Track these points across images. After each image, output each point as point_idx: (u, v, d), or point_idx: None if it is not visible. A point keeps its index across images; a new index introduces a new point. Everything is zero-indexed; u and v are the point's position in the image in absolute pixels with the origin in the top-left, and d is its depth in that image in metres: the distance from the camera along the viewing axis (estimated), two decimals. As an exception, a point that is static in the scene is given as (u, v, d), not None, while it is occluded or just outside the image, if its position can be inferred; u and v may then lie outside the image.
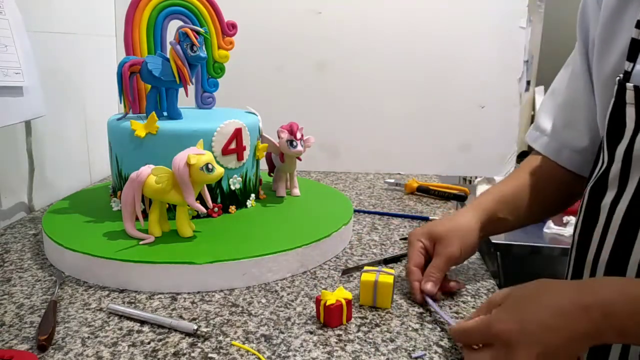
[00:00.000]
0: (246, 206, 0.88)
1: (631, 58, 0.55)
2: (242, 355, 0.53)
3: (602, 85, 0.60)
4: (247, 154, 0.86)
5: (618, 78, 0.55)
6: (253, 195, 0.90)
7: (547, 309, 0.45)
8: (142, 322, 0.59)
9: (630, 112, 0.54)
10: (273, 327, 0.58)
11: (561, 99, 0.72)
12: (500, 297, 0.50)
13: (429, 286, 0.63)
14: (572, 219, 1.24)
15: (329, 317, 0.58)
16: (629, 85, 0.53)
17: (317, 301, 0.59)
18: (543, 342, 0.43)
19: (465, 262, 0.74)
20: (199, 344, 0.55)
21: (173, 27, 0.86)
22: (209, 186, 0.79)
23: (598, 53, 0.61)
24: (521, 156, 1.30)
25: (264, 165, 0.98)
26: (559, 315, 0.44)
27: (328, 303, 0.57)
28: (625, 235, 0.55)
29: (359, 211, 1.02)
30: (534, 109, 2.45)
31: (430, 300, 0.62)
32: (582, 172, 0.70)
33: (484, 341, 0.48)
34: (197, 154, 0.70)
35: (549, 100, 0.75)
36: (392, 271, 0.64)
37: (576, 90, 0.68)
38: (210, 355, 0.53)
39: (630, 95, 0.53)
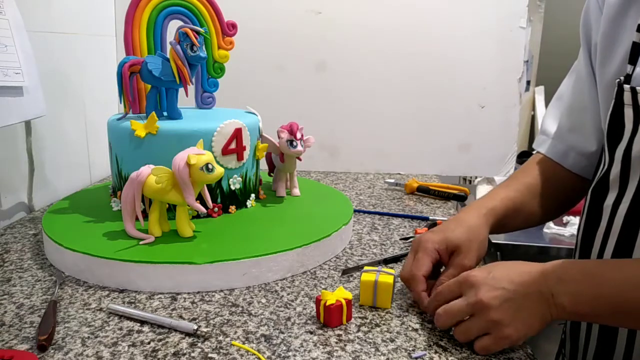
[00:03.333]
0: (246, 206, 0.88)
1: (632, 61, 0.55)
2: (242, 355, 0.53)
3: (605, 89, 0.60)
4: (247, 154, 0.86)
5: (618, 80, 0.56)
6: (253, 195, 0.90)
7: (512, 269, 0.53)
8: (142, 322, 0.59)
9: (628, 113, 0.54)
10: (273, 327, 0.58)
11: (567, 103, 0.71)
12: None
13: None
14: (572, 219, 1.24)
15: (329, 317, 0.58)
16: (626, 87, 0.54)
17: (317, 301, 0.59)
18: (505, 288, 0.51)
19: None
20: (199, 344, 0.55)
21: (173, 27, 0.86)
22: (209, 186, 0.79)
23: (601, 57, 0.61)
24: (521, 156, 1.30)
25: (264, 165, 0.98)
26: (521, 274, 0.52)
27: (328, 303, 0.57)
28: (627, 236, 0.55)
29: (359, 211, 1.02)
30: (534, 109, 2.45)
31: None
32: (587, 176, 0.70)
33: (457, 290, 0.55)
34: (197, 154, 0.70)
35: (554, 106, 0.74)
36: (392, 271, 0.64)
37: (581, 94, 0.68)
38: (210, 355, 0.53)
39: (627, 97, 0.54)
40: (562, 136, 0.71)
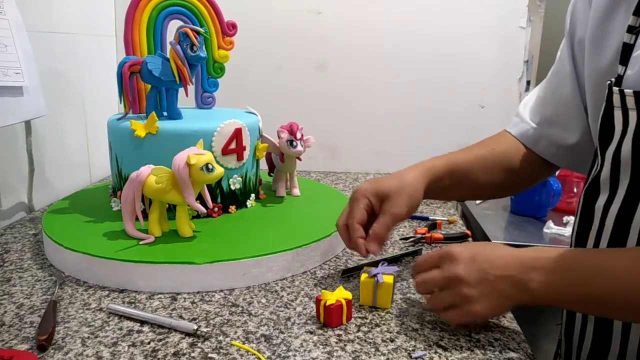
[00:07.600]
0: (246, 206, 0.88)
1: (623, 62, 0.55)
2: (242, 355, 0.53)
3: (594, 87, 0.60)
4: (247, 154, 0.86)
5: (609, 82, 0.55)
6: (253, 195, 0.90)
7: (493, 251, 0.55)
8: (142, 322, 0.59)
9: (617, 115, 0.54)
10: (273, 327, 0.58)
11: (543, 95, 0.72)
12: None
13: (374, 247, 0.63)
14: (572, 219, 1.23)
15: (329, 317, 0.58)
16: (615, 89, 0.54)
17: (317, 301, 0.59)
18: (483, 269, 0.53)
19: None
20: (199, 344, 0.55)
21: (173, 27, 0.86)
22: (209, 186, 0.79)
23: (589, 54, 0.61)
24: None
25: (264, 165, 0.98)
26: (500, 257, 0.54)
27: (328, 303, 0.57)
28: (618, 237, 0.55)
29: (359, 211, 1.02)
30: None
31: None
32: (558, 163, 0.71)
33: (437, 261, 0.57)
34: (197, 154, 0.70)
35: (533, 95, 0.75)
36: (392, 271, 0.64)
37: (557, 88, 0.68)
38: (210, 355, 0.53)
39: (616, 99, 0.54)
40: (539, 125, 0.72)
